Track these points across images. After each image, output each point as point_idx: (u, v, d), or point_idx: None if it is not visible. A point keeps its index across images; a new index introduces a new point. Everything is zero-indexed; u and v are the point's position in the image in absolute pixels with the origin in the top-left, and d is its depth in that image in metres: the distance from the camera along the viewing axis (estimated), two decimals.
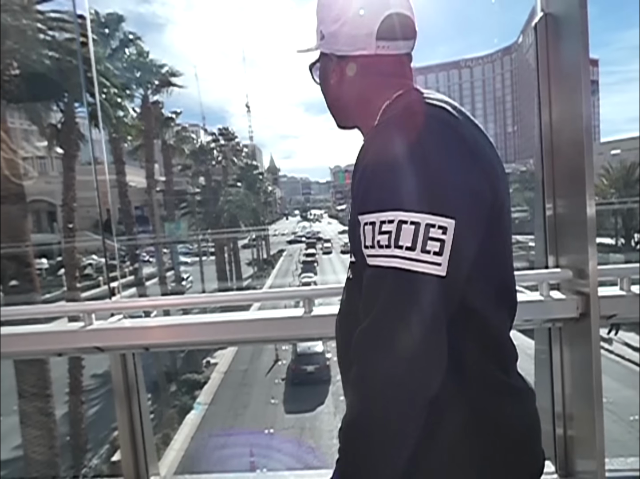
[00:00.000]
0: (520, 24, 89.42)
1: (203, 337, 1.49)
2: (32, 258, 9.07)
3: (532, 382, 1.88)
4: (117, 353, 1.58)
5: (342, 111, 0.86)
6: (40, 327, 1.54)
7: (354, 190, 0.71)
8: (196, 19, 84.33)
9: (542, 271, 1.46)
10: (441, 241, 0.61)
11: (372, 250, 0.64)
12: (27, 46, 9.55)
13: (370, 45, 0.77)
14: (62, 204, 11.01)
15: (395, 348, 0.59)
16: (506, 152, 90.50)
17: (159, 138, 18.27)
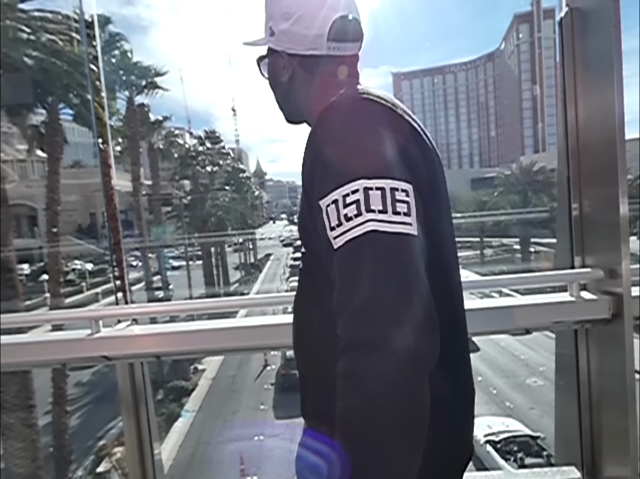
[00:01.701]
0: (502, 30, 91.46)
1: (218, 344, 1.40)
2: (14, 263, 8.78)
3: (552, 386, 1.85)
4: (125, 362, 1.49)
5: (291, 107, 0.88)
6: (44, 335, 1.44)
7: (307, 180, 0.70)
8: (181, 22, 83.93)
9: (572, 271, 1.43)
10: (407, 203, 0.62)
11: (339, 228, 0.62)
12: (9, 46, 9.28)
13: (321, 45, 0.79)
14: (46, 208, 10.69)
15: (399, 315, 0.56)
16: (490, 156, 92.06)
17: (145, 141, 17.98)
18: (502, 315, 1.38)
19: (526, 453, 8.70)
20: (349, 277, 0.60)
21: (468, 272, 25.26)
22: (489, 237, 29.32)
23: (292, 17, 0.79)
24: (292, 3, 0.80)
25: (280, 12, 0.81)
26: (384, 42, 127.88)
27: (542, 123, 77.86)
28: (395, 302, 0.56)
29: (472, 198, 33.51)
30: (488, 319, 1.36)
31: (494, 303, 1.39)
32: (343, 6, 0.80)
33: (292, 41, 0.81)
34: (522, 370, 14.71)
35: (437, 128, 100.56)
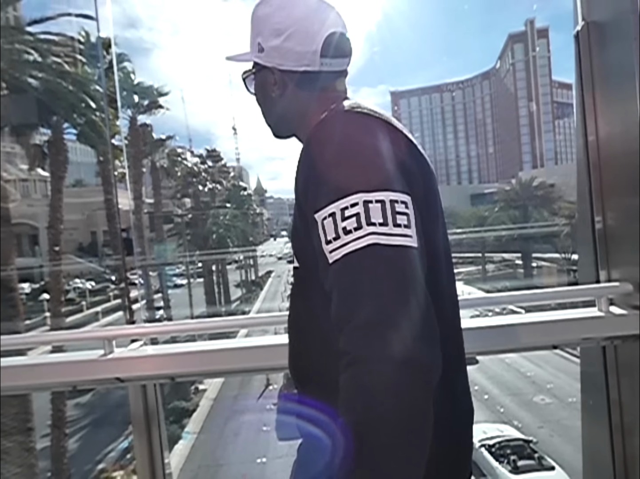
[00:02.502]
0: (497, 50, 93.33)
1: (236, 364, 1.35)
2: (15, 282, 8.72)
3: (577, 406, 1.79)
4: (138, 384, 1.43)
5: (281, 122, 0.88)
6: (54, 357, 1.39)
7: (301, 194, 0.70)
8: (182, 44, 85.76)
9: (600, 286, 1.39)
10: (407, 215, 0.62)
11: (337, 241, 0.61)
12: (16, 68, 9.44)
13: (314, 62, 0.80)
14: (48, 226, 10.69)
15: (404, 327, 0.56)
16: (488, 172, 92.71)
17: (147, 160, 18.14)
18: (530, 331, 1.33)
19: (519, 457, 9.03)
20: (350, 290, 0.59)
21: (471, 288, 25.21)
22: (490, 252, 29.25)
23: (284, 33, 0.79)
24: (283, 19, 0.80)
25: (270, 28, 0.80)
26: (382, 62, 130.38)
27: (539, 139, 78.71)
28: (400, 316, 0.56)
29: (472, 214, 33.60)
30: (515, 335, 1.32)
31: (521, 319, 1.35)
32: (334, 22, 0.81)
33: (284, 57, 0.80)
34: (529, 387, 14.45)
35: (436, 145, 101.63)
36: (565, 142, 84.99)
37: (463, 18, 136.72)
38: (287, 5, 0.81)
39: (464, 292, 24.76)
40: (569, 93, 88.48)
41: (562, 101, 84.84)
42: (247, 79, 0.89)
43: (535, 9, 77.79)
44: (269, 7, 0.82)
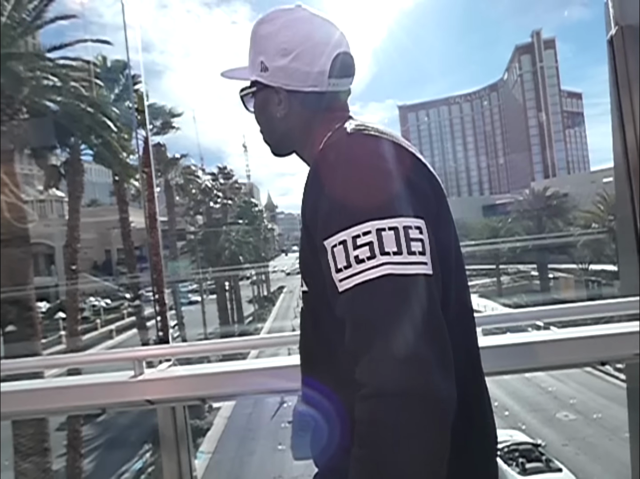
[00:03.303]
0: (503, 61, 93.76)
1: (270, 385, 1.31)
2: (34, 301, 8.82)
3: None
4: (168, 406, 1.39)
5: (283, 141, 0.87)
6: (84, 379, 1.37)
7: (309, 219, 0.69)
8: (193, 65, 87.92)
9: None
10: (421, 241, 0.61)
11: (348, 270, 0.60)
12: (36, 92, 9.74)
13: (322, 82, 0.79)
14: (66, 245, 10.85)
15: (420, 361, 0.55)
16: (499, 182, 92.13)
17: (161, 179, 18.46)
18: (576, 347, 1.27)
19: (528, 459, 9.29)
20: (365, 321, 0.58)
21: (487, 301, 24.78)
22: (505, 264, 28.84)
23: (291, 53, 0.78)
24: (290, 39, 0.79)
25: (276, 48, 0.79)
26: (388, 77, 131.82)
27: (550, 149, 78.21)
28: (416, 349, 0.55)
29: (484, 225, 33.28)
30: (562, 351, 1.26)
31: (566, 334, 1.29)
32: (340, 42, 0.81)
33: (291, 77, 0.79)
34: (551, 403, 14.00)
35: (445, 157, 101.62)
36: (576, 151, 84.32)
37: (468, 32, 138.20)
38: (293, 25, 0.80)
39: (479, 305, 24.49)
40: (579, 102, 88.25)
41: (571, 110, 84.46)
42: (245, 97, 0.88)
43: (566, 15, 77.06)
44: (272, 25, 0.81)
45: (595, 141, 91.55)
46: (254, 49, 0.84)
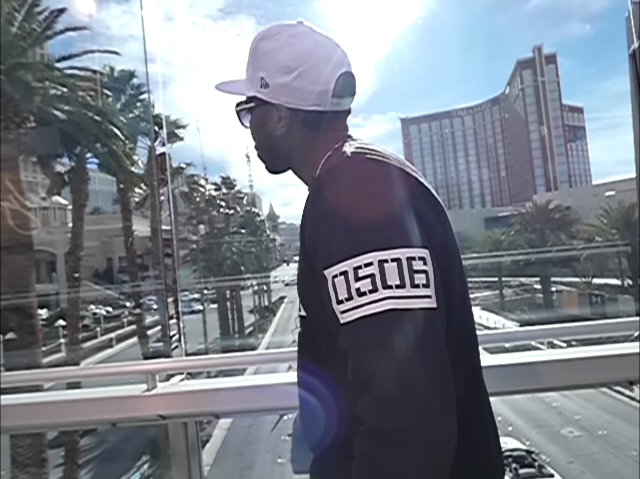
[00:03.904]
0: (504, 75, 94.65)
1: (288, 401, 1.27)
2: (35, 309, 8.78)
3: None
4: (180, 421, 1.36)
5: (281, 159, 0.86)
6: (94, 392, 1.34)
7: (308, 245, 0.67)
8: (198, 76, 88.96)
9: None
10: (425, 273, 0.60)
11: (349, 302, 0.59)
12: (45, 101, 9.83)
13: (325, 102, 0.78)
14: (69, 253, 10.85)
15: (422, 402, 0.54)
16: (501, 195, 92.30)
17: (164, 188, 18.52)
18: (601, 366, 1.24)
19: (521, 466, 9.52)
20: (368, 357, 0.57)
21: (489, 314, 24.62)
22: (507, 277, 28.72)
23: (294, 71, 0.77)
24: (294, 57, 0.77)
25: (277, 65, 0.78)
26: (391, 91, 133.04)
27: (552, 162, 78.49)
28: (420, 389, 0.54)
29: (487, 237, 33.20)
30: (588, 370, 1.23)
31: (591, 352, 1.26)
32: (343, 61, 0.80)
33: (293, 96, 0.78)
34: (555, 419, 13.79)
35: (447, 169, 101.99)
36: (578, 165, 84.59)
37: (470, 47, 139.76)
38: (296, 42, 0.78)
39: (482, 318, 24.33)
40: (580, 116, 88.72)
41: (573, 124, 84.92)
42: (241, 112, 0.86)
43: (587, 29, 77.02)
44: (274, 41, 0.79)
45: (597, 155, 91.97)
46: (253, 64, 0.82)
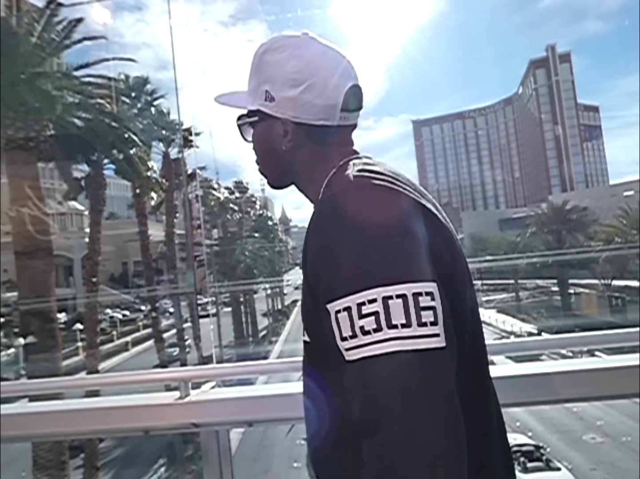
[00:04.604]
0: (517, 76, 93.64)
1: None
2: (55, 313, 8.92)
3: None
4: (213, 429, 1.34)
5: (285, 175, 0.83)
6: (127, 399, 1.32)
7: (310, 274, 0.65)
8: (210, 82, 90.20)
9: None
10: (433, 309, 0.57)
11: (353, 340, 0.56)
12: (64, 109, 10.01)
13: (333, 116, 0.75)
14: (87, 258, 11.02)
15: (428, 451, 0.52)
16: (516, 196, 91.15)
17: (180, 193, 18.76)
18: (624, 377, 1.18)
19: (529, 460, 9.78)
20: (372, 401, 0.54)
21: (505, 317, 24.23)
22: (523, 279, 28.29)
23: (302, 84, 0.74)
24: (301, 69, 0.74)
25: (284, 77, 0.75)
26: (402, 93, 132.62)
27: (567, 162, 77.24)
28: (427, 437, 0.52)
29: (501, 239, 32.76)
30: (605, 381, 1.17)
31: (610, 362, 1.20)
32: (351, 74, 0.78)
33: (301, 110, 0.75)
34: (577, 424, 13.46)
35: (460, 171, 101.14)
36: (595, 165, 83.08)
37: (482, 47, 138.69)
38: (303, 54, 0.75)
39: (497, 321, 23.96)
40: (596, 115, 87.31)
41: (588, 123, 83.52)
42: (242, 126, 0.84)
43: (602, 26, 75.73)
44: (279, 53, 0.76)
45: (614, 154, 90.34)
46: (256, 77, 0.79)
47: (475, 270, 33.03)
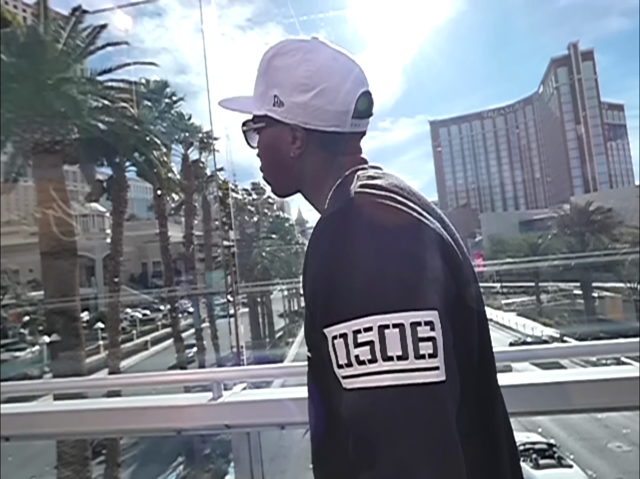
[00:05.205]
0: (537, 75, 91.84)
1: None
2: (79, 312, 9.14)
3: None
4: (244, 431, 1.34)
5: (292, 182, 0.80)
6: (161, 400, 1.33)
7: (309, 294, 0.63)
8: (227, 85, 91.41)
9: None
10: (432, 340, 0.53)
11: (349, 369, 0.54)
12: (89, 113, 10.27)
13: (345, 123, 0.73)
14: (109, 258, 11.26)
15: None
16: (536, 198, 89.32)
17: (199, 194, 19.03)
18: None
19: (541, 457, 9.96)
20: (366, 435, 0.52)
21: (525, 320, 23.75)
22: (544, 282, 27.67)
23: (313, 89, 0.71)
24: (312, 74, 0.72)
25: (294, 82, 0.72)
26: (419, 93, 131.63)
27: (590, 162, 75.31)
28: (421, 475, 0.50)
29: (522, 241, 32.13)
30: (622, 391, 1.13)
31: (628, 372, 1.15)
32: (362, 80, 0.75)
33: (311, 115, 0.72)
34: (602, 431, 13.07)
35: (478, 172, 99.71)
36: (619, 165, 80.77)
37: (501, 46, 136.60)
38: (314, 59, 0.73)
39: (518, 324, 23.49)
40: (620, 114, 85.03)
41: (612, 122, 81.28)
42: (248, 132, 0.81)
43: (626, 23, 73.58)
44: (289, 57, 0.74)
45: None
46: (264, 81, 0.76)
47: (495, 272, 32.51)
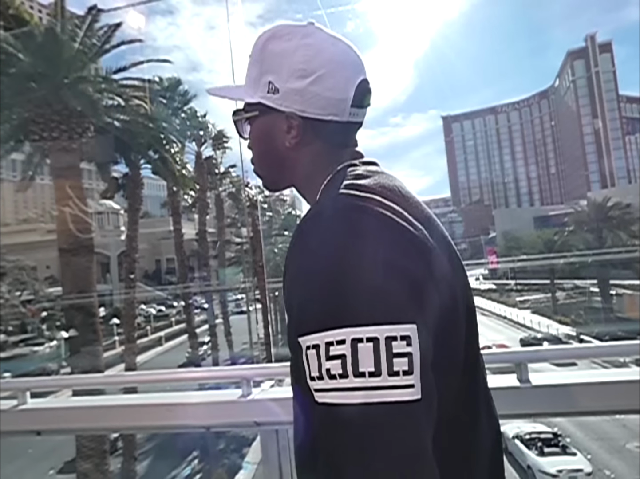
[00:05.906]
0: (552, 68, 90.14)
1: None
2: (96, 308, 9.28)
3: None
4: (272, 428, 1.33)
5: (285, 174, 0.75)
6: (190, 396, 1.34)
7: (287, 297, 0.60)
8: (238, 82, 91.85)
9: None
10: (408, 356, 0.50)
11: (320, 382, 0.51)
12: (104, 112, 10.39)
13: (343, 111, 0.69)
14: (125, 255, 11.42)
15: None
16: (551, 193, 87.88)
17: (212, 191, 19.15)
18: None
19: (546, 445, 10.45)
20: (332, 453, 0.50)
21: (540, 318, 23.40)
22: (560, 279, 27.23)
23: (311, 75, 0.67)
24: (310, 59, 0.68)
25: (291, 68, 0.68)
26: (431, 88, 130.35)
27: (607, 157, 73.73)
28: None
29: (537, 237, 31.64)
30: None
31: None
32: (362, 68, 0.72)
33: (308, 103, 0.68)
34: (619, 432, 12.83)
35: (492, 167, 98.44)
36: (638, 159, 78.95)
37: (515, 39, 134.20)
38: (313, 44, 0.69)
39: (532, 322, 23.16)
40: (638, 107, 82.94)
41: (631, 116, 79.42)
42: (239, 121, 0.77)
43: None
44: (285, 42, 0.70)
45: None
46: (258, 67, 0.72)
47: (509, 269, 32.12)
